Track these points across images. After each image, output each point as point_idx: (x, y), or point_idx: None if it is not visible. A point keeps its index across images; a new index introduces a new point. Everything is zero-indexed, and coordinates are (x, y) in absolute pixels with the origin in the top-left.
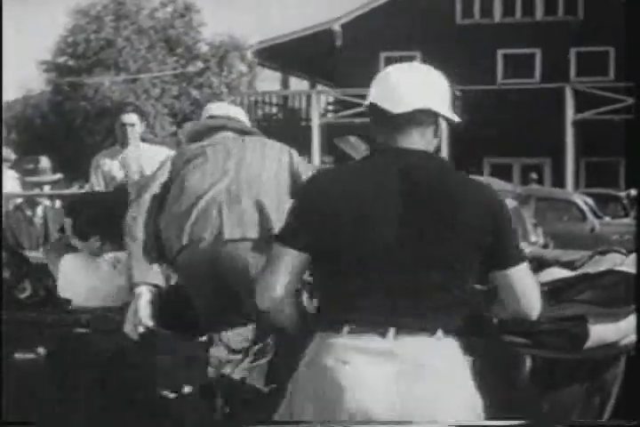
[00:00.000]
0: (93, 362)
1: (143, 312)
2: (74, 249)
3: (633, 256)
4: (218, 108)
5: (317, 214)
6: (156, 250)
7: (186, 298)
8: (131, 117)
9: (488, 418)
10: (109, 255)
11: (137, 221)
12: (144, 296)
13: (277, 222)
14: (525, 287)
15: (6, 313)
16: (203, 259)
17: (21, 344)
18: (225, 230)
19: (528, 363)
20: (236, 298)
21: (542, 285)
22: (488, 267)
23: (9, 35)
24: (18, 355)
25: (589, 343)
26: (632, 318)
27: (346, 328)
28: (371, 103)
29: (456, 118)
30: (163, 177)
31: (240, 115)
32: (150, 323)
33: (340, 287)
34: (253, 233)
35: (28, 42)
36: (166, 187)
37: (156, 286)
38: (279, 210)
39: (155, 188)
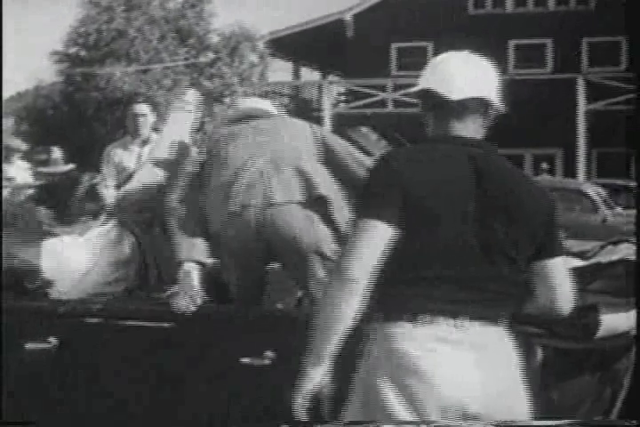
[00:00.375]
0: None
1: (197, 287)
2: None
3: None
4: (248, 102)
5: (403, 191)
6: (200, 227)
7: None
8: (142, 108)
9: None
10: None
11: (177, 199)
12: (194, 272)
13: (321, 187)
14: (563, 279)
15: (17, 303)
16: (250, 225)
17: (33, 335)
18: (273, 195)
19: (539, 353)
20: (283, 264)
21: None
22: (533, 257)
23: (21, 28)
24: (29, 345)
25: (601, 333)
26: None
27: (422, 318)
28: (424, 89)
29: (502, 107)
30: (197, 156)
31: (268, 106)
32: (202, 298)
33: (416, 274)
34: (300, 197)
35: (40, 33)
36: (202, 165)
37: (200, 262)
38: (318, 176)
39: (190, 167)
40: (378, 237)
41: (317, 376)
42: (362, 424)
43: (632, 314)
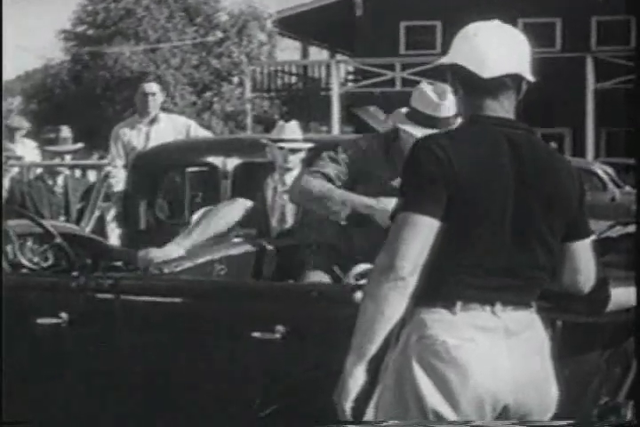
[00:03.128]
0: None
1: None
2: None
3: None
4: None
5: (451, 181)
6: None
7: None
8: (152, 87)
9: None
10: None
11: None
12: None
13: None
14: (588, 260)
15: (29, 279)
16: None
17: (44, 310)
18: None
19: (549, 329)
20: None
21: None
22: (563, 238)
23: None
24: (41, 320)
25: (611, 306)
26: None
27: (459, 304)
28: (454, 64)
29: (532, 79)
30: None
31: None
32: None
33: (454, 261)
34: None
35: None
36: None
37: None
38: None
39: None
40: (425, 233)
41: (361, 376)
42: (392, 421)
43: None
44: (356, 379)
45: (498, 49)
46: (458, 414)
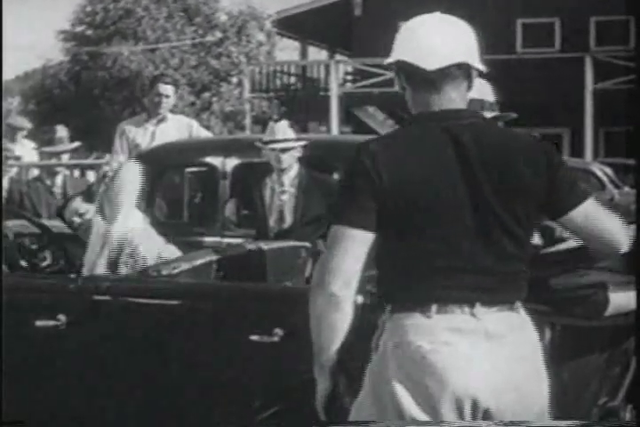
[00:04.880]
0: None
1: None
2: None
3: None
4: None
5: (380, 190)
6: None
7: None
8: (167, 89)
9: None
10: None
11: None
12: None
13: None
14: (602, 222)
15: (27, 280)
16: None
17: (43, 312)
18: None
19: (547, 333)
20: None
21: (561, 253)
22: (554, 214)
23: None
24: (39, 323)
25: (610, 311)
26: None
27: (434, 307)
28: (398, 61)
29: (483, 68)
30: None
31: None
32: None
33: (421, 265)
34: None
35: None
36: None
37: None
38: None
39: None
40: (356, 246)
41: (326, 382)
42: (375, 423)
43: None
44: (323, 386)
45: (440, 40)
46: (437, 420)
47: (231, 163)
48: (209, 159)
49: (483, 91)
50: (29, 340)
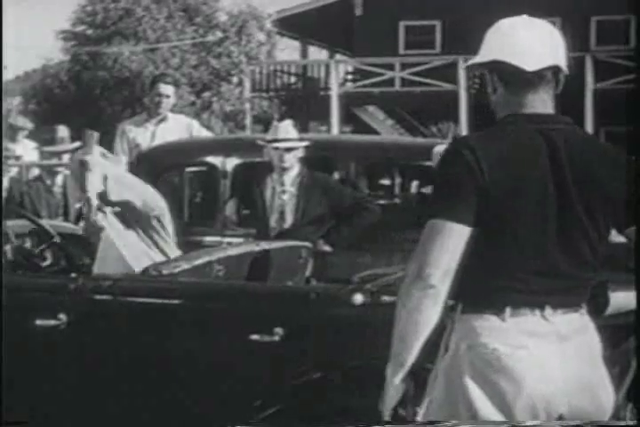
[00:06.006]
0: None
1: None
2: None
3: None
4: None
5: (481, 183)
6: None
7: None
8: (167, 89)
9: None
10: None
11: None
12: None
13: None
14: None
15: (27, 280)
16: None
17: (43, 311)
18: None
19: None
20: None
21: None
22: (621, 226)
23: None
24: (40, 322)
25: (610, 310)
26: None
27: (508, 310)
28: (494, 61)
29: (567, 72)
30: None
31: None
32: None
33: (501, 266)
34: None
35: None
36: None
37: None
38: None
39: None
40: (455, 240)
41: (401, 383)
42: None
43: None
44: (396, 387)
45: (537, 42)
46: (511, 421)
47: (231, 162)
48: (209, 159)
49: None
50: (30, 339)
